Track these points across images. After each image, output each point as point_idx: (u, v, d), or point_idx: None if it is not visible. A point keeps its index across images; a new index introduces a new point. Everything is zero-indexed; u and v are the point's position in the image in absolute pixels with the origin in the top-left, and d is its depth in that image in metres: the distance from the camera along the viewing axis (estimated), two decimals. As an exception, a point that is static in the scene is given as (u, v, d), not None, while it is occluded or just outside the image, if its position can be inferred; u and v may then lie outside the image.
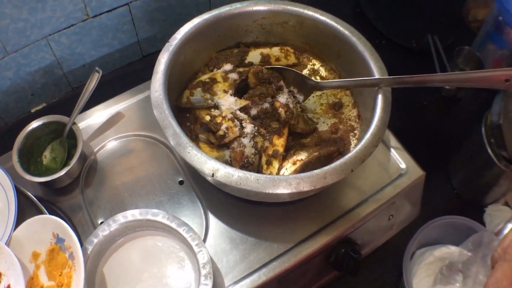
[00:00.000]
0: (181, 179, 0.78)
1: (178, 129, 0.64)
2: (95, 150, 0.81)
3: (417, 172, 0.80)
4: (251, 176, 0.60)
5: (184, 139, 0.63)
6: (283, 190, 0.60)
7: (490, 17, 1.04)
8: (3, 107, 0.99)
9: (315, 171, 0.61)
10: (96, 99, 0.85)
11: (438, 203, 0.96)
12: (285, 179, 0.60)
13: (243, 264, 0.71)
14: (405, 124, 1.05)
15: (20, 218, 0.70)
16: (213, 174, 0.60)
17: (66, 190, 0.77)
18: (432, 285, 0.84)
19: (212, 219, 0.74)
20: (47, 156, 0.79)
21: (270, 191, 0.60)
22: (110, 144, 0.82)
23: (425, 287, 0.84)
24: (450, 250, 0.87)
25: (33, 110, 1.04)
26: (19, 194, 0.73)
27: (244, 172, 0.61)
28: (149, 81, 0.88)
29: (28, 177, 0.73)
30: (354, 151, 0.64)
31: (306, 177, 0.61)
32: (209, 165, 0.61)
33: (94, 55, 1.04)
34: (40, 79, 1.00)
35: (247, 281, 0.70)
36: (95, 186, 0.78)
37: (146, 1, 1.00)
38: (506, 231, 0.82)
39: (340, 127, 0.78)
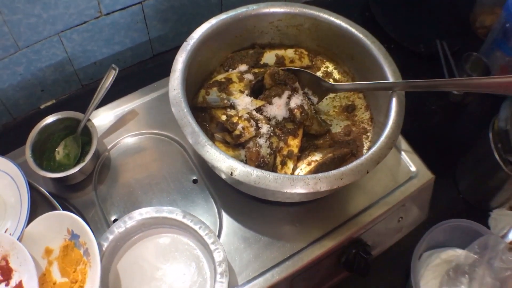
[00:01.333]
0: (195, 178, 0.78)
1: (196, 128, 0.64)
2: (108, 147, 0.81)
3: (427, 175, 0.81)
4: (270, 175, 0.60)
5: (203, 138, 0.63)
6: (301, 189, 0.60)
7: (497, 24, 1.05)
8: (13, 103, 0.98)
9: (332, 171, 0.61)
10: (106, 96, 0.84)
11: (444, 206, 0.97)
12: (303, 179, 0.61)
13: (256, 263, 0.71)
14: (413, 128, 1.05)
15: (33, 214, 0.70)
16: (231, 172, 0.60)
17: (79, 186, 0.77)
18: (439, 286, 0.84)
19: (226, 217, 0.74)
20: (60, 152, 0.79)
21: (288, 191, 0.60)
22: (124, 141, 0.82)
23: (432, 288, 0.84)
24: (457, 253, 0.88)
25: (42, 106, 1.03)
26: (32, 189, 0.72)
27: (263, 171, 0.61)
28: (163, 79, 0.88)
29: (42, 172, 0.73)
30: (370, 153, 0.64)
31: (323, 178, 0.61)
32: (227, 163, 0.61)
33: (106, 53, 1.03)
34: (50, 76, 0.99)
35: (260, 280, 0.70)
36: (108, 183, 0.78)
37: (159, 0, 0.99)
38: (511, 234, 0.83)
39: (353, 129, 0.78)
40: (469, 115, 1.09)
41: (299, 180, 0.60)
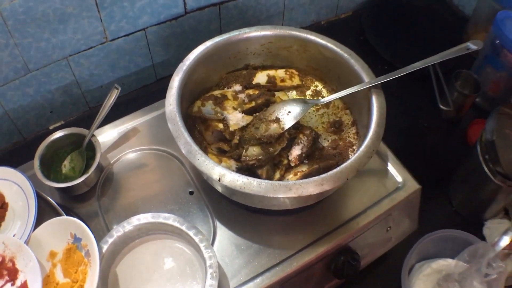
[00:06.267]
0: (191, 190, 0.87)
1: (189, 139, 0.73)
2: (111, 162, 0.90)
3: (413, 186, 0.88)
4: (254, 181, 0.69)
5: (195, 147, 0.72)
6: (283, 194, 0.68)
7: (487, 40, 1.14)
8: (23, 123, 1.09)
9: (313, 178, 0.70)
10: (111, 117, 0.94)
11: (438, 220, 1.03)
12: (285, 185, 0.69)
13: (247, 268, 0.78)
14: (407, 146, 1.13)
15: (39, 221, 0.78)
16: (219, 178, 0.69)
17: (84, 197, 0.86)
18: (430, 295, 0.91)
19: (220, 226, 0.83)
20: (66, 166, 0.88)
21: (271, 195, 0.68)
22: (126, 156, 0.91)
23: (423, 299, 0.90)
24: (447, 262, 0.94)
25: (51, 127, 1.14)
26: (39, 198, 0.80)
27: (248, 177, 0.69)
28: (162, 100, 0.98)
29: (48, 182, 0.82)
30: (349, 161, 0.72)
31: (304, 183, 0.69)
32: (216, 170, 0.70)
33: (111, 77, 1.14)
34: (59, 98, 1.10)
35: (251, 284, 0.77)
36: (110, 195, 0.87)
37: (161, 27, 1.11)
38: (502, 242, 0.88)
39: (340, 143, 0.86)
40: (462, 131, 1.16)
41: (282, 185, 0.69)
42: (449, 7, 1.45)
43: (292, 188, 0.69)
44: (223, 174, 0.70)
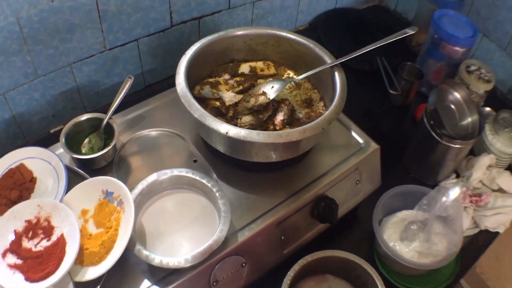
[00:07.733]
0: (195, 159, 1.10)
1: (198, 106, 0.97)
2: (125, 142, 1.11)
3: (373, 146, 1.16)
4: (254, 132, 0.94)
5: (204, 111, 0.96)
6: (277, 140, 0.93)
7: (427, 37, 1.46)
8: (27, 126, 1.27)
9: (297, 128, 0.96)
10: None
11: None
12: (278, 133, 0.94)
13: (248, 214, 1.02)
14: (364, 130, 1.41)
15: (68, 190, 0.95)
16: (227, 132, 0.93)
17: (102, 171, 1.06)
18: (399, 239, 1.15)
19: (222, 184, 1.06)
20: (85, 146, 1.08)
21: (268, 141, 0.93)
22: (136, 137, 1.13)
23: (393, 240, 1.15)
24: (410, 212, 1.20)
25: (52, 131, 1.32)
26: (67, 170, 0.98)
27: (250, 130, 0.94)
28: (163, 92, 1.22)
29: (74, 154, 1.02)
30: (324, 115, 0.99)
31: (292, 132, 0.95)
32: (224, 126, 0.94)
33: (107, 83, 1.36)
34: (61, 102, 1.29)
35: (253, 225, 1.00)
36: (126, 169, 1.07)
37: (151, 38, 1.35)
38: (452, 191, 1.14)
39: (312, 114, 1.13)
40: (410, 115, 1.48)
41: (275, 134, 0.94)
42: (393, 15, 1.81)
43: (283, 135, 0.94)
44: (229, 129, 0.94)
